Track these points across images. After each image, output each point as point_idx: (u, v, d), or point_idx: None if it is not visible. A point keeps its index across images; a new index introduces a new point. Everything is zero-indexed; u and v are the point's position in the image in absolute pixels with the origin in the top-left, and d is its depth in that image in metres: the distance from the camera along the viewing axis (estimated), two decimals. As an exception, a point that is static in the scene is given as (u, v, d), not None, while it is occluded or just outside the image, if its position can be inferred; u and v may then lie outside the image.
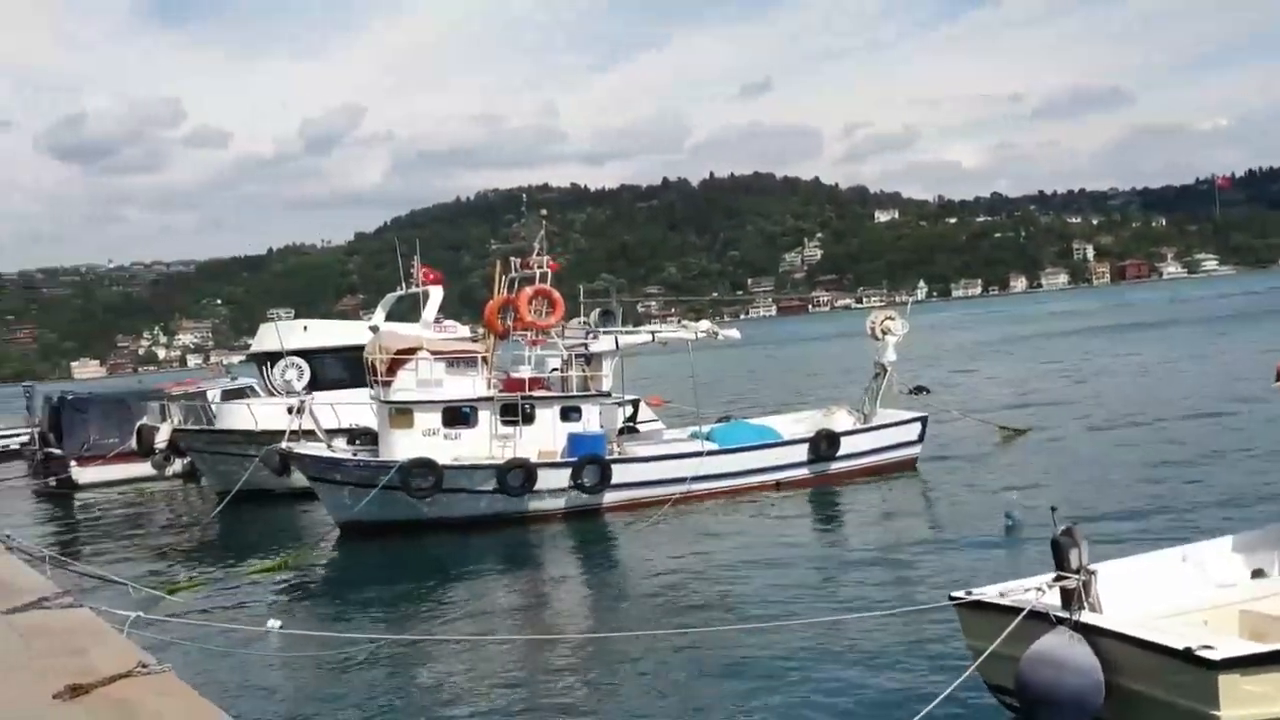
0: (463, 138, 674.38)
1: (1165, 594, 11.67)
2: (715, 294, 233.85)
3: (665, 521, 25.01)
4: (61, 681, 8.06)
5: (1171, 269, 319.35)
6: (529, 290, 27.80)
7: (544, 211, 33.32)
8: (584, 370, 27.86)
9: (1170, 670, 9.39)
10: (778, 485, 28.04)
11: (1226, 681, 9.11)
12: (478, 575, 21.91)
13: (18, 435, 55.57)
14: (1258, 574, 12.42)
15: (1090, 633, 9.86)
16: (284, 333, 35.55)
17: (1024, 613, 10.25)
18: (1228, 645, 9.50)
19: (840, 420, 30.01)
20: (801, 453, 28.55)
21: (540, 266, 28.32)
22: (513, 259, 29.79)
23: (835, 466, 28.77)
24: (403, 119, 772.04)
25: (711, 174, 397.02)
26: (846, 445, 28.86)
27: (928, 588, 16.91)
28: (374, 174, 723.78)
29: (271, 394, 35.13)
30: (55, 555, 19.27)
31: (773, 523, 24.50)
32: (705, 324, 30.48)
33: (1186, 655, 9.20)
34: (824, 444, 28.58)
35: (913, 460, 29.92)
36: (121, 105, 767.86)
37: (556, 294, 28.12)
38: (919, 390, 31.69)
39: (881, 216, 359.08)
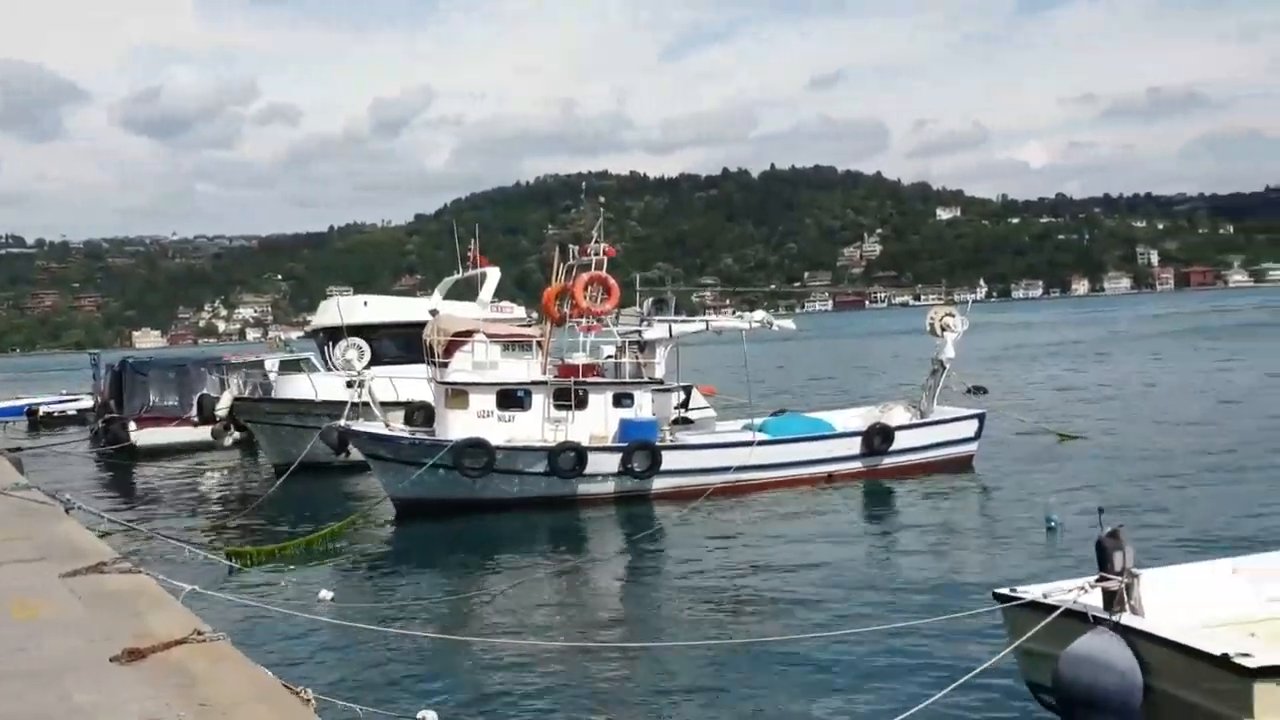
0: (530, 123, 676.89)
1: (1213, 604, 11.51)
2: (772, 286, 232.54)
3: (715, 511, 24.97)
4: (119, 645, 8.16)
5: (1238, 277, 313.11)
6: (585, 276, 28.08)
7: (601, 199, 33.42)
8: (637, 357, 27.88)
9: (1207, 676, 9.33)
10: (830, 478, 27.88)
11: (1262, 690, 9.02)
12: (525, 559, 21.93)
13: (79, 401, 56.67)
14: None
15: (1129, 634, 9.81)
16: (345, 309, 35.92)
17: (1060, 610, 10.27)
18: (1267, 654, 9.37)
19: (897, 416, 29.72)
20: (855, 446, 28.34)
21: (597, 253, 28.49)
22: (570, 246, 29.92)
23: (889, 461, 28.52)
24: (471, 103, 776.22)
25: (772, 165, 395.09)
26: (901, 440, 28.60)
27: (972, 588, 16.70)
28: (440, 156, 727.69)
29: (331, 370, 35.50)
30: (114, 520, 19.61)
31: (823, 517, 24.34)
32: (760, 314, 30.46)
33: (1223, 661, 9.14)
34: (878, 438, 28.34)
35: (969, 458, 29.58)
36: (197, 80, 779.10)
37: (612, 281, 28.36)
38: (977, 390, 31.26)
39: (944, 214, 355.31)
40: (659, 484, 26.56)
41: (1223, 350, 70.12)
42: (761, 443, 27.50)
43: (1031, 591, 10.95)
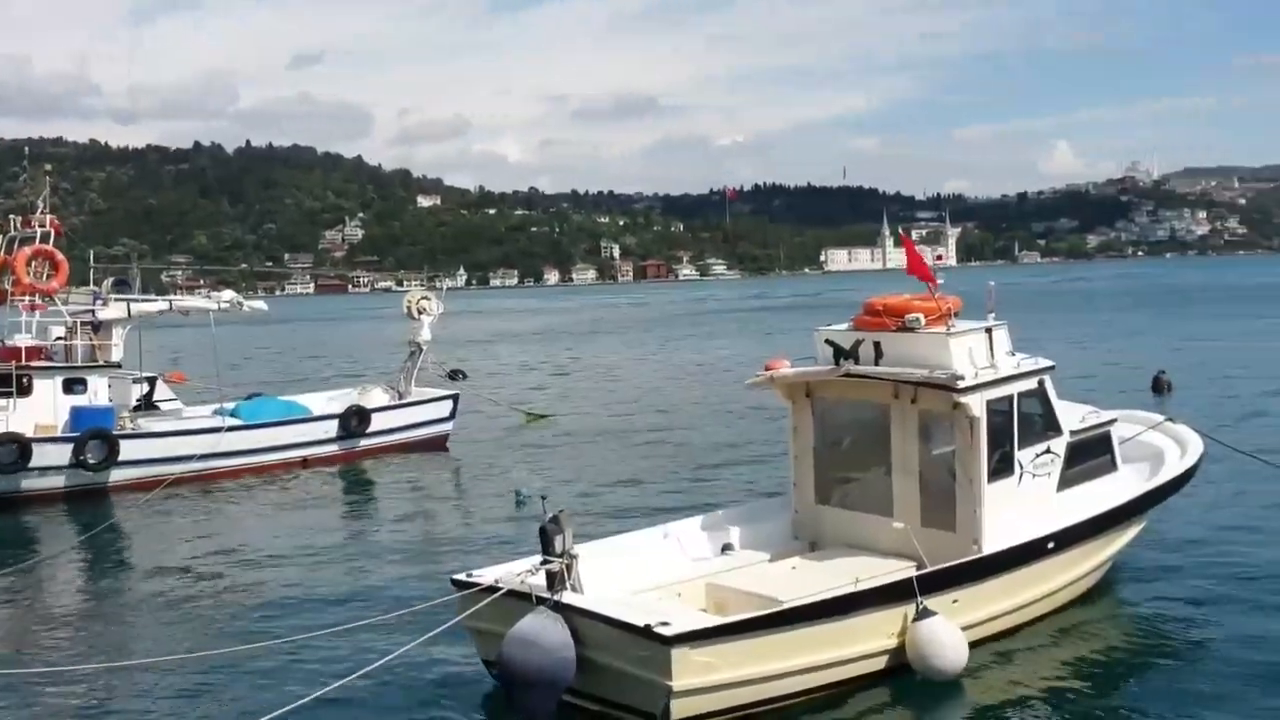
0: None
1: (647, 569, 12.87)
2: (244, 266, 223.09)
3: (183, 503, 23.85)
4: None
5: (687, 271, 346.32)
6: (28, 250, 25.69)
7: (48, 167, 30.73)
8: (91, 339, 25.85)
9: (633, 645, 10.42)
10: (305, 462, 27.50)
11: (679, 654, 10.24)
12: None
13: None
14: (726, 549, 13.97)
15: (566, 611, 10.71)
16: None
17: (502, 592, 11.07)
18: (682, 621, 10.66)
19: (375, 398, 29.92)
20: (330, 429, 28.18)
21: (43, 226, 26.28)
22: (12, 217, 27.33)
23: (366, 443, 28.64)
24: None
25: (248, 142, 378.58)
26: (377, 421, 28.82)
27: (443, 568, 16.81)
28: None
29: None
30: None
31: (297, 504, 24.02)
32: (229, 294, 29.50)
33: (646, 631, 10.25)
34: (354, 420, 28.37)
35: (444, 438, 30.40)
36: None
37: (60, 255, 26.42)
38: (456, 374, 32.27)
39: (424, 201, 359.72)
40: (118, 476, 24.81)
41: (675, 337, 77.54)
42: (232, 428, 26.56)
43: (485, 577, 11.67)
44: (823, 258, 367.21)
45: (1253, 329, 61.25)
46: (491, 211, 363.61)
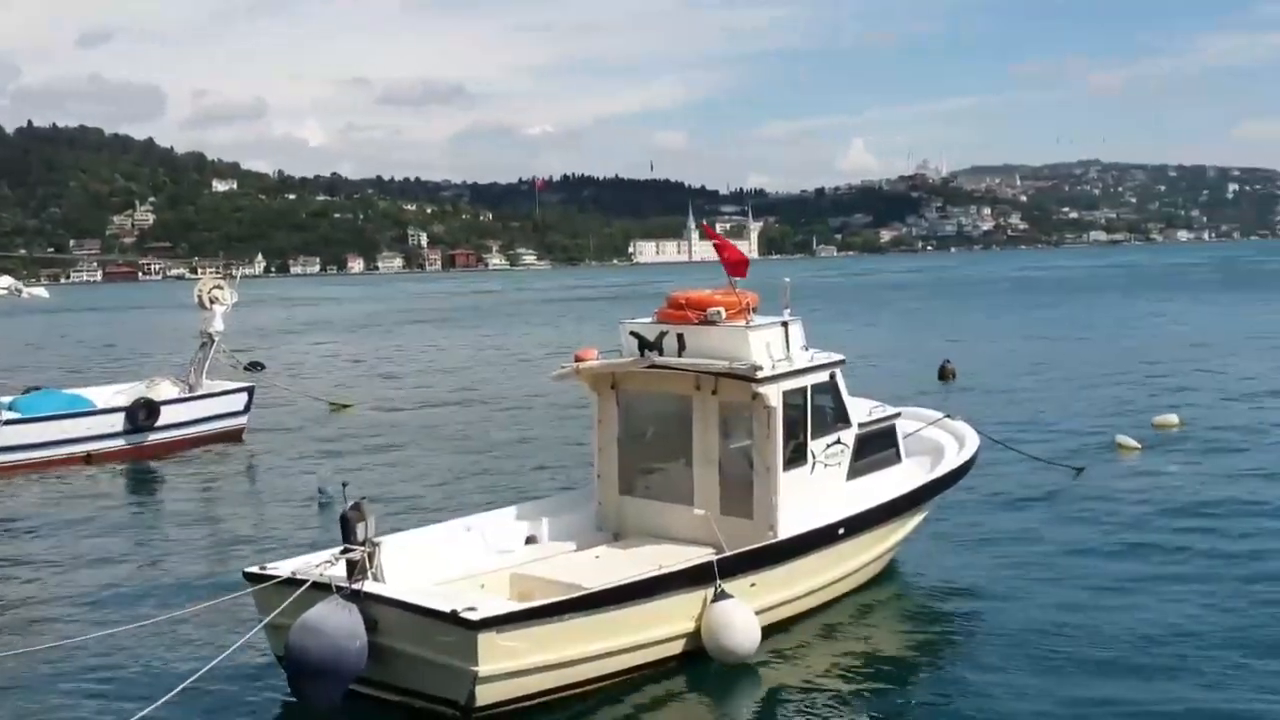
0: None
1: (450, 561, 12.79)
2: (24, 252, 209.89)
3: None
4: None
5: (497, 260, 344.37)
6: None
7: None
8: None
9: (438, 631, 10.37)
10: (89, 458, 26.15)
11: (485, 639, 10.27)
12: None
13: None
14: (530, 540, 14.04)
15: (366, 600, 10.56)
16: None
17: (306, 585, 10.80)
18: (489, 606, 10.67)
19: (164, 391, 28.65)
20: (116, 423, 26.87)
21: None
22: None
23: (155, 437, 27.43)
24: None
25: (30, 122, 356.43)
26: (167, 415, 27.63)
27: (237, 566, 16.41)
28: None
29: None
30: None
31: (79, 501, 22.70)
32: (7, 280, 27.68)
33: (451, 617, 10.23)
34: (142, 414, 27.14)
35: (239, 431, 29.41)
36: None
37: None
38: (254, 366, 31.28)
39: (220, 186, 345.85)
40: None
41: (485, 328, 77.05)
42: (9, 422, 25.09)
43: (281, 569, 11.32)
44: (631, 249, 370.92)
45: (1030, 319, 65.50)
46: (291, 197, 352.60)
